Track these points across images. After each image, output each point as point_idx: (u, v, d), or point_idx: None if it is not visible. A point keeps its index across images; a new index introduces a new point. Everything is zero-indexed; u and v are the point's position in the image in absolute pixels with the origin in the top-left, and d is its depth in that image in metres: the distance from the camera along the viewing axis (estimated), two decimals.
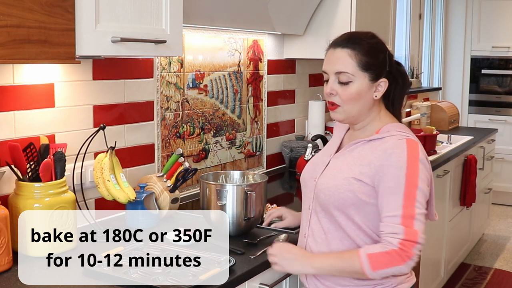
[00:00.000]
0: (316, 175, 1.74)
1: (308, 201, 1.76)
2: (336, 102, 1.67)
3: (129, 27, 1.77)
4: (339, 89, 1.66)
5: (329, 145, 1.85)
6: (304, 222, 1.78)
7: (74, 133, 2.06)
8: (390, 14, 3.60)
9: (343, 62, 1.65)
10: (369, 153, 1.64)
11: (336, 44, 1.69)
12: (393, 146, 1.60)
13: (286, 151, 3.27)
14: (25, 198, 1.77)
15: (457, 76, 6.49)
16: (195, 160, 2.66)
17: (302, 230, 1.79)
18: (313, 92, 3.58)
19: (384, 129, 1.68)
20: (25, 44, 1.48)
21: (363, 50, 1.65)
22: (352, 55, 1.64)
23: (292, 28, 3.10)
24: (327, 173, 1.71)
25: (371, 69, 1.65)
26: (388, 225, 1.55)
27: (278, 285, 1.93)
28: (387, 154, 1.59)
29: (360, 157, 1.65)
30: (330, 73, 1.68)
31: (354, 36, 1.69)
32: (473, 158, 4.31)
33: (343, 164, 1.68)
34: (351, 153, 1.69)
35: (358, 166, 1.63)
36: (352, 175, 1.63)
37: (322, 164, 1.75)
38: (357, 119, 1.71)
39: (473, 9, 6.33)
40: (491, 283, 4.26)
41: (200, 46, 2.63)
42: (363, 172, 1.61)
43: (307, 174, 1.79)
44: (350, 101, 1.66)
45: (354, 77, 1.64)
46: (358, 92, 1.65)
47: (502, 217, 5.88)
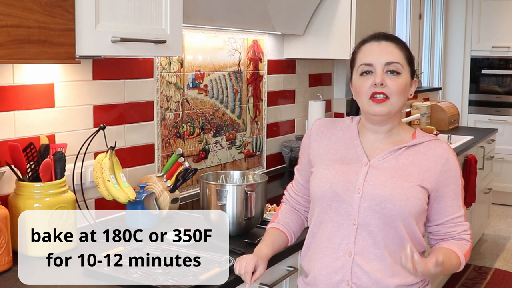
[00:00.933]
0: (356, 187, 1.60)
1: (350, 216, 1.60)
2: (387, 93, 1.59)
3: (129, 27, 1.77)
4: (388, 80, 1.60)
5: (342, 154, 1.69)
6: (344, 240, 1.61)
7: (74, 133, 2.06)
8: (390, 14, 3.60)
9: (393, 53, 1.61)
10: (420, 159, 1.62)
11: (378, 38, 1.65)
12: (445, 151, 1.64)
13: (286, 151, 3.27)
14: (25, 198, 1.77)
15: (457, 76, 6.49)
16: (195, 160, 2.66)
17: (342, 249, 1.61)
18: (313, 92, 3.58)
19: (419, 134, 1.69)
20: (25, 44, 1.48)
21: (404, 45, 1.66)
22: (399, 48, 1.63)
23: (292, 28, 3.10)
24: (376, 182, 1.59)
25: (412, 65, 1.66)
26: (459, 224, 1.67)
27: (278, 285, 1.93)
28: (443, 159, 1.62)
29: (412, 163, 1.62)
30: (377, 64, 1.60)
31: (389, 34, 1.68)
32: (473, 158, 4.31)
33: (397, 171, 1.61)
34: (396, 159, 1.63)
35: (417, 173, 1.60)
36: (417, 183, 1.59)
37: (356, 174, 1.62)
38: (395, 117, 1.66)
39: (473, 9, 6.33)
40: (491, 283, 4.26)
41: (200, 46, 2.63)
42: (425, 179, 1.60)
43: (339, 188, 1.62)
44: (399, 93, 1.60)
45: (403, 68, 1.62)
46: (406, 85, 1.62)
47: (502, 217, 5.88)
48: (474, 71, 6.42)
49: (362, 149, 1.67)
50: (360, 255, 1.60)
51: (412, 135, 1.68)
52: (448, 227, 1.66)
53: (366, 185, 1.60)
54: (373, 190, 1.58)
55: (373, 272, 1.58)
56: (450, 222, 1.66)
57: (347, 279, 1.60)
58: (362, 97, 1.62)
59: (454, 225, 1.66)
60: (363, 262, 1.59)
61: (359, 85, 1.63)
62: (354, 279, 1.60)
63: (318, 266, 1.65)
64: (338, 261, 1.62)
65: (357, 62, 1.65)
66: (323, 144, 1.73)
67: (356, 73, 1.65)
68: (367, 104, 1.62)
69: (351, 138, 1.70)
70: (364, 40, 1.68)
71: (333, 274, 1.62)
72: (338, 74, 3.85)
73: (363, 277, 1.59)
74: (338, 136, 1.72)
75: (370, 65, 1.61)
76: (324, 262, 1.64)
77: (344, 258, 1.61)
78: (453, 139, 4.43)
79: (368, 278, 1.59)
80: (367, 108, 1.62)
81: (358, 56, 1.66)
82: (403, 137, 1.68)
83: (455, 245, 1.65)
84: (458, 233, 1.66)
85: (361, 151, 1.66)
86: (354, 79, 1.66)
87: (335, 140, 1.72)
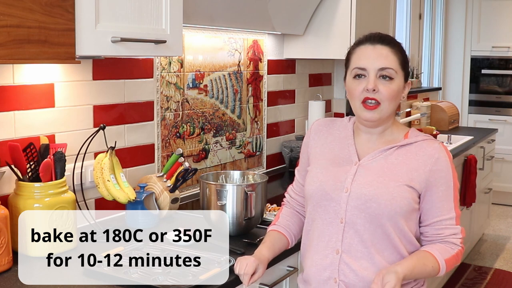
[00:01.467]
0: (345, 186, 1.62)
1: (338, 215, 1.63)
2: (378, 99, 1.60)
3: (129, 27, 1.77)
4: (381, 86, 1.60)
5: (335, 153, 1.71)
6: (332, 238, 1.63)
7: (74, 133, 2.06)
8: (390, 14, 3.60)
9: (387, 58, 1.61)
10: (410, 158, 1.62)
11: (373, 40, 1.64)
12: (436, 151, 1.62)
13: (286, 151, 3.27)
14: (25, 198, 1.77)
15: (457, 76, 6.49)
16: (195, 160, 2.66)
17: (330, 247, 1.64)
18: (313, 92, 3.58)
19: (412, 134, 1.68)
20: (25, 44, 1.48)
21: (399, 49, 1.65)
22: (393, 52, 1.62)
23: (292, 28, 3.10)
24: (363, 181, 1.61)
25: (405, 69, 1.65)
26: (448, 227, 1.63)
27: (278, 285, 1.93)
28: (434, 159, 1.61)
29: (401, 163, 1.62)
30: (371, 69, 1.60)
31: (385, 36, 1.67)
32: (473, 158, 4.31)
33: (384, 171, 1.62)
34: (386, 159, 1.64)
35: (405, 173, 1.61)
36: (404, 182, 1.59)
37: (346, 173, 1.64)
38: (387, 120, 1.66)
39: (473, 9, 6.33)
40: (491, 283, 4.26)
41: (200, 46, 2.63)
42: (413, 178, 1.60)
43: (328, 187, 1.64)
44: (391, 99, 1.61)
45: (397, 74, 1.62)
46: (398, 90, 1.63)
47: (502, 217, 5.88)
48: (474, 71, 6.43)
49: (355, 149, 1.69)
50: (347, 253, 1.62)
51: (404, 135, 1.68)
52: (435, 229, 1.63)
53: (354, 184, 1.62)
54: (360, 189, 1.61)
55: (360, 270, 1.60)
56: (437, 224, 1.63)
57: (335, 276, 1.62)
58: (355, 100, 1.64)
59: (441, 227, 1.63)
60: (350, 260, 1.61)
61: (352, 87, 1.64)
62: (342, 276, 1.62)
63: (309, 263, 1.69)
64: (326, 259, 1.64)
65: (351, 64, 1.66)
66: (320, 143, 1.75)
67: (349, 74, 1.66)
68: (359, 108, 1.64)
69: (346, 137, 1.72)
70: (359, 42, 1.67)
71: (322, 271, 1.65)
72: (338, 74, 3.85)
73: (350, 274, 1.61)
74: (334, 135, 1.75)
75: (363, 69, 1.62)
76: (314, 259, 1.67)
77: (332, 255, 1.63)
78: (453, 139, 4.44)
79: (355, 276, 1.61)
80: (358, 112, 1.65)
81: (352, 58, 1.66)
82: (396, 137, 1.68)
83: (438, 249, 1.61)
84: (445, 236, 1.63)
85: (353, 151, 1.69)
86: (348, 81, 1.67)
87: (331, 140, 1.74)
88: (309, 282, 1.70)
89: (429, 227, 1.64)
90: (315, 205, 1.68)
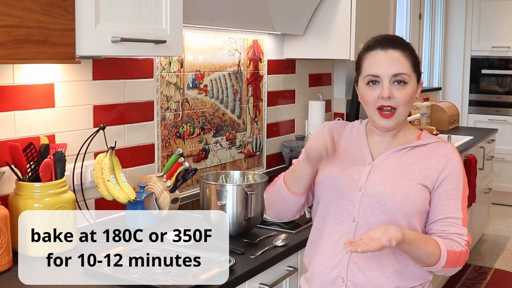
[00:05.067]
0: (359, 184, 1.62)
1: (350, 214, 1.62)
2: (394, 105, 1.59)
3: (129, 27, 1.77)
4: (396, 91, 1.59)
5: (349, 153, 1.70)
6: (342, 237, 1.61)
7: (74, 133, 2.06)
8: (390, 14, 3.60)
9: (400, 63, 1.60)
10: (423, 158, 1.62)
11: (384, 45, 1.62)
12: (449, 151, 1.63)
13: (286, 151, 3.27)
14: (25, 198, 1.77)
15: (457, 76, 6.49)
16: (195, 160, 2.66)
17: (340, 246, 1.61)
18: (313, 92, 3.58)
19: (425, 136, 1.69)
20: (25, 44, 1.48)
21: (410, 51, 1.64)
22: (405, 56, 1.61)
23: (292, 28, 3.10)
24: (377, 179, 1.61)
25: (417, 70, 1.65)
26: (454, 225, 1.59)
27: (278, 285, 1.93)
28: (447, 158, 1.62)
29: (414, 162, 1.62)
30: (384, 76, 1.59)
31: (395, 38, 1.65)
32: (473, 158, 4.31)
33: (398, 170, 1.62)
34: (399, 158, 1.64)
35: (419, 172, 1.61)
36: (418, 181, 1.59)
37: (359, 173, 1.64)
38: (402, 123, 1.67)
39: (473, 9, 6.33)
40: (491, 283, 4.26)
41: (200, 46, 2.63)
42: (426, 177, 1.60)
43: (342, 185, 1.63)
44: (406, 103, 1.61)
45: (410, 78, 1.61)
46: (412, 93, 1.62)
47: (502, 217, 5.88)
48: (474, 71, 6.42)
49: (368, 149, 1.69)
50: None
51: (417, 137, 1.69)
52: (440, 225, 1.60)
53: (368, 183, 1.61)
54: (374, 187, 1.60)
55: (369, 270, 1.59)
56: (443, 220, 1.60)
57: (343, 276, 1.61)
58: (369, 106, 1.64)
59: (446, 224, 1.59)
60: (360, 259, 1.60)
61: (365, 94, 1.63)
62: (350, 276, 1.60)
63: (317, 262, 1.67)
64: (335, 258, 1.63)
65: (363, 71, 1.64)
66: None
67: (362, 80, 1.65)
68: (374, 114, 1.63)
69: (359, 139, 1.72)
70: (369, 46, 1.65)
71: (330, 270, 1.63)
72: (338, 74, 3.85)
73: (358, 274, 1.60)
74: (347, 137, 1.75)
75: (376, 76, 1.60)
76: (323, 258, 1.65)
77: (341, 254, 1.61)
78: (453, 139, 4.43)
79: (363, 276, 1.60)
80: (374, 118, 1.64)
81: (364, 65, 1.65)
82: (409, 138, 1.69)
83: (443, 240, 1.57)
84: (450, 234, 1.58)
85: (367, 151, 1.68)
86: (361, 87, 1.66)
87: (344, 141, 1.74)
88: (314, 281, 1.67)
89: (434, 223, 1.61)
90: (327, 203, 1.67)
